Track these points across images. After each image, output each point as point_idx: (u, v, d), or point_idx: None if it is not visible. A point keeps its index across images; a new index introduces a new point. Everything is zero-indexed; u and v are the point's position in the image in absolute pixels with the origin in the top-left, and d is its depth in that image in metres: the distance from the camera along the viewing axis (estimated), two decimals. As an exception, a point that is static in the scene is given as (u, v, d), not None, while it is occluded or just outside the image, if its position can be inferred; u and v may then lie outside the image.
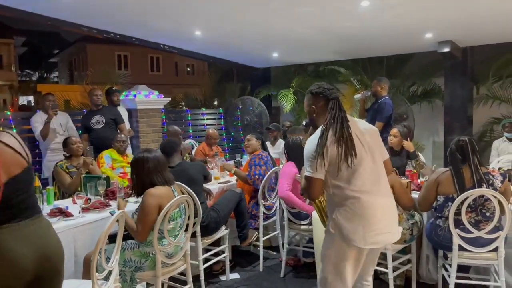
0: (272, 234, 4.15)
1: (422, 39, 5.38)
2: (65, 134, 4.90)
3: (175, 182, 2.95)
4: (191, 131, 7.26)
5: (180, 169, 3.33)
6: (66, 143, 3.98)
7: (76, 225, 2.90)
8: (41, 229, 1.71)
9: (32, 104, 24.67)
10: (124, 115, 5.68)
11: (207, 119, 7.63)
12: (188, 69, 27.78)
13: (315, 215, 3.28)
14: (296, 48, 6.33)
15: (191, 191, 3.15)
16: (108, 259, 2.44)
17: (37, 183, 3.26)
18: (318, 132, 2.16)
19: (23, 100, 26.39)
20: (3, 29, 25.48)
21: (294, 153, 3.63)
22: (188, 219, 2.94)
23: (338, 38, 5.63)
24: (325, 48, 6.22)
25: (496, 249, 2.87)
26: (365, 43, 5.85)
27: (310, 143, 2.15)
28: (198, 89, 9.72)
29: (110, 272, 2.38)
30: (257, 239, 3.89)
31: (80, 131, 5.21)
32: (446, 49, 5.38)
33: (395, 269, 3.26)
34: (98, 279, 2.21)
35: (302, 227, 3.65)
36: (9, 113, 5.20)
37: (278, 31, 5.33)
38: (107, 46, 23.33)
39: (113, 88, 5.95)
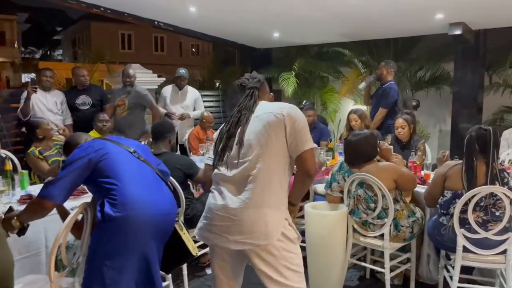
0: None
1: (433, 20, 5.02)
2: (59, 113, 4.70)
3: None
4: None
5: (161, 160, 3.04)
6: (39, 125, 3.73)
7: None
8: None
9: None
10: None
11: (204, 101, 7.32)
12: (193, 49, 27.36)
13: (307, 208, 3.04)
14: (298, 28, 5.98)
15: (173, 179, 2.89)
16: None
17: (8, 167, 3.04)
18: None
19: (25, 77, 26.14)
20: (6, 5, 25.12)
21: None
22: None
23: (342, 18, 5.28)
24: (328, 29, 5.87)
25: (504, 252, 2.61)
26: (370, 24, 5.49)
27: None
28: (203, 70, 9.43)
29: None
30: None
31: None
32: (458, 32, 5.02)
33: (393, 268, 3.04)
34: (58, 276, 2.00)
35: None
36: (-7, 90, 4.94)
37: (278, 10, 4.99)
38: (111, 24, 23.03)
39: None
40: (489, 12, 4.75)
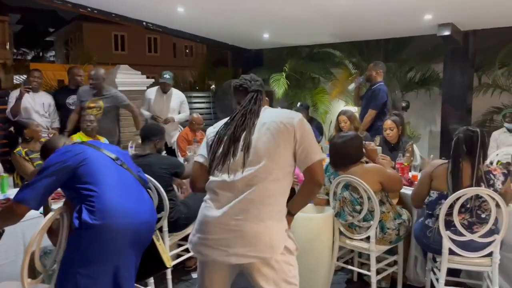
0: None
1: (421, 21, 5.01)
2: (45, 115, 4.66)
3: None
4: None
5: (145, 162, 3.00)
6: (28, 125, 3.69)
7: (24, 219, 2.60)
8: None
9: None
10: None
11: (195, 102, 7.29)
12: (187, 51, 27.28)
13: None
14: (287, 29, 5.96)
15: (156, 182, 2.84)
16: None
17: (-13, 170, 2.98)
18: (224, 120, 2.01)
19: (16, 79, 25.91)
20: (-4, 6, 24.90)
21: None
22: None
23: (331, 18, 5.26)
24: (318, 29, 5.85)
25: (490, 254, 2.59)
26: (360, 24, 5.47)
27: (210, 128, 2.05)
28: (194, 71, 9.39)
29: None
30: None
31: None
32: (446, 33, 5.01)
33: (380, 270, 3.01)
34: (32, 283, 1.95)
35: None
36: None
37: (266, 10, 4.95)
38: (103, 25, 22.90)
39: None
40: (478, 12, 4.75)
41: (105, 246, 1.94)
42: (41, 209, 2.71)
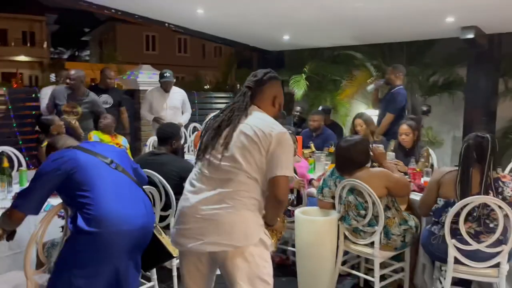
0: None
1: (443, 24, 4.88)
2: None
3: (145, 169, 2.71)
4: (197, 114, 7.03)
5: (159, 161, 3.07)
6: (52, 122, 3.83)
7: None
8: None
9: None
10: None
11: (215, 102, 7.39)
12: (216, 52, 27.60)
13: (297, 213, 3.01)
14: (308, 31, 5.93)
15: (164, 181, 2.90)
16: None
17: (6, 163, 3.12)
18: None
19: (53, 77, 26.86)
20: (35, 6, 25.88)
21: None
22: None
23: (349, 21, 5.20)
24: (337, 32, 5.80)
25: (497, 265, 2.51)
26: (379, 27, 5.38)
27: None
28: (218, 72, 9.51)
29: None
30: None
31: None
32: (470, 36, 4.87)
33: (387, 276, 2.97)
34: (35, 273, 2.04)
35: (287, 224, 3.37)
36: (4, 89, 5.09)
37: (284, 12, 4.95)
38: (135, 26, 23.45)
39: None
40: (503, 15, 4.59)
41: (101, 251, 1.96)
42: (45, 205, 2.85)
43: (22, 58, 26.78)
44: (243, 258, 1.80)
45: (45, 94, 4.73)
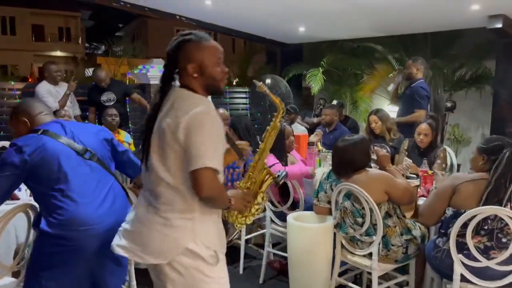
0: (260, 232, 3.68)
1: (468, 12, 4.48)
2: (69, 105, 4.77)
3: None
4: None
5: None
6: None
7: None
8: None
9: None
10: None
11: (230, 98, 7.21)
12: (245, 46, 27.45)
13: (289, 219, 2.78)
14: (324, 22, 5.63)
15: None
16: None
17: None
18: None
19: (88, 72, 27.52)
20: (70, 2, 26.55)
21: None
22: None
23: (368, 10, 4.86)
24: (355, 22, 5.46)
25: (510, 285, 2.20)
26: (400, 17, 5.03)
27: None
28: (234, 67, 9.33)
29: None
30: (239, 237, 3.46)
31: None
32: (498, 25, 4.46)
33: (392, 290, 2.70)
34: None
35: (281, 228, 3.16)
36: (13, 82, 5.08)
37: (297, 2, 4.67)
38: (166, 21, 23.60)
39: None
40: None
41: (67, 252, 1.86)
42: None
43: (58, 53, 27.55)
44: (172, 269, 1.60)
45: (43, 92, 4.64)
